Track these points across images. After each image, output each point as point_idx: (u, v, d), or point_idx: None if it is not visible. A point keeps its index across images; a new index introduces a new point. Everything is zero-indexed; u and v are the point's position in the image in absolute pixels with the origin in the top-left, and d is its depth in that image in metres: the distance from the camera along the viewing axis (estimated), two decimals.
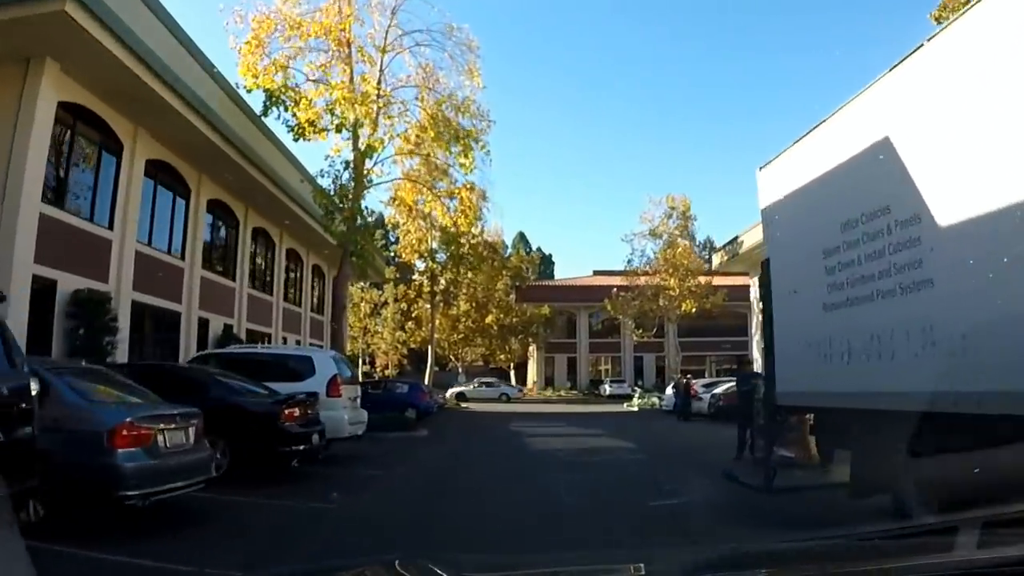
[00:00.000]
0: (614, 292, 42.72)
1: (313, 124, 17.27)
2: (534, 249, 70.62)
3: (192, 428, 6.41)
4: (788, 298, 7.54)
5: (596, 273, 59.33)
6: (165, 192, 17.71)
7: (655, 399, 34.97)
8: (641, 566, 2.17)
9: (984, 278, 4.89)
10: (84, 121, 14.19)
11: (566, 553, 4.63)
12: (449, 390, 41.17)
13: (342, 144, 18.40)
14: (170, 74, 14.16)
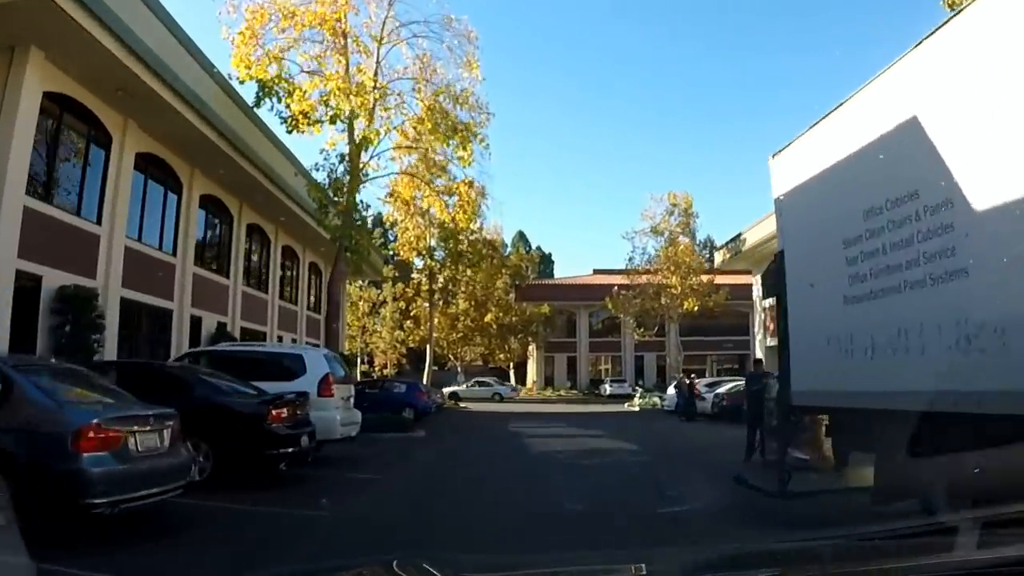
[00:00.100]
0: (615, 290, 42.32)
1: (307, 116, 16.82)
2: (533, 248, 70.26)
3: (168, 430, 5.95)
4: (805, 291, 7.12)
5: (596, 272, 58.95)
6: (156, 186, 17.31)
7: (656, 399, 34.62)
8: (643, 566, 2.15)
9: None
10: (71, 112, 13.82)
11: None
12: (443, 389, 40.67)
13: (337, 137, 18.00)
14: (160, 64, 13.75)
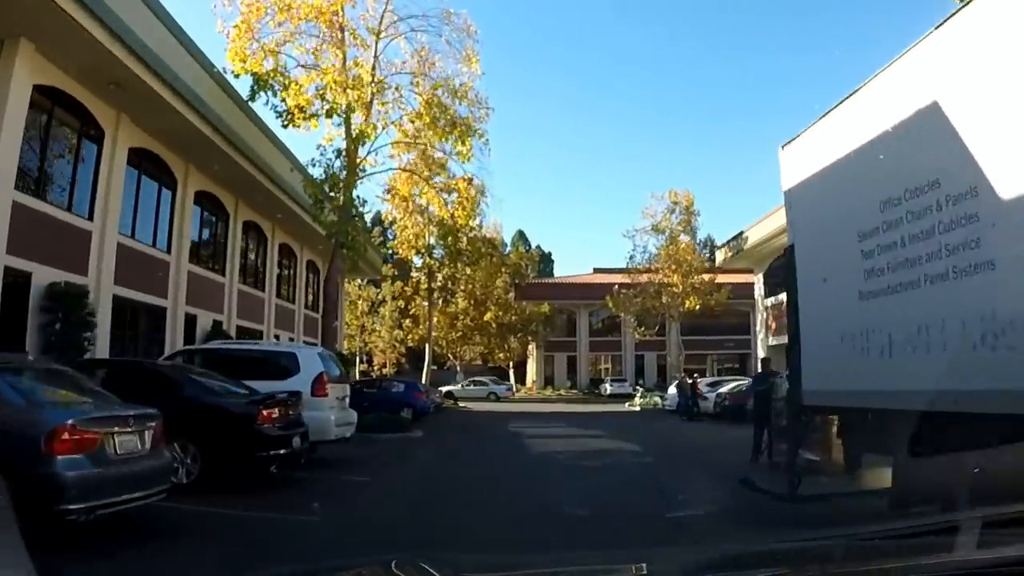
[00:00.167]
0: (615, 289, 42.03)
1: (303, 110, 16.51)
2: (533, 247, 69.92)
3: (149, 431, 5.65)
4: (817, 287, 6.84)
5: (596, 271, 58.66)
6: (150, 182, 17.02)
7: (657, 399, 34.36)
8: (643, 566, 2.14)
9: None
10: (62, 106, 13.55)
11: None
12: (439, 389, 40.30)
13: (334, 133, 17.71)
14: (154, 58, 13.46)
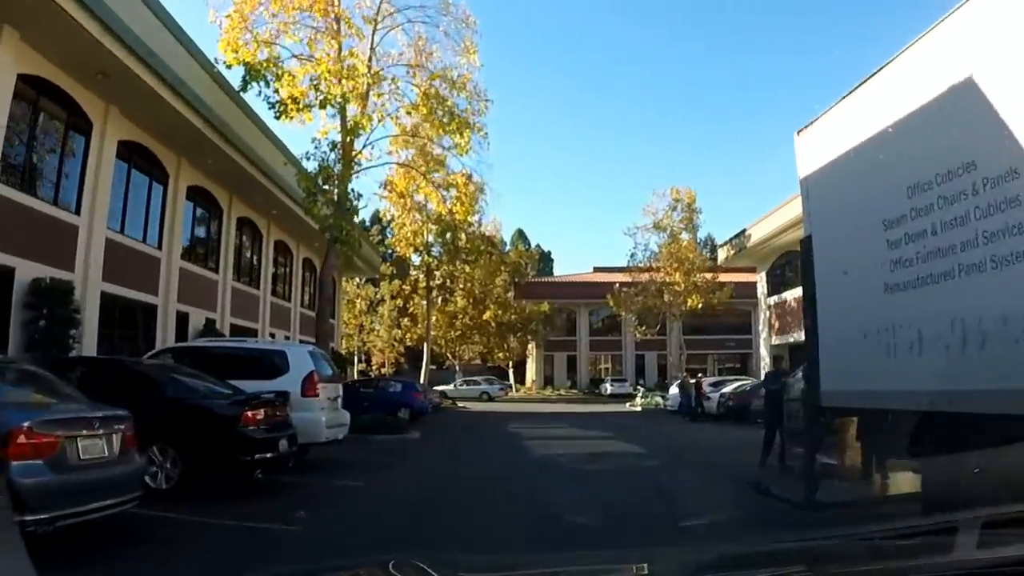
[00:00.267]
0: (616, 287, 41.63)
1: (296, 101, 16.08)
2: (533, 246, 69.49)
3: (117, 435, 5.22)
4: (837, 280, 6.40)
5: (596, 270, 58.28)
6: (140, 176, 16.59)
7: (659, 399, 33.98)
8: (644, 566, 2.14)
9: None
10: (49, 96, 13.13)
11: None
12: (434, 388, 39.85)
13: (330, 126, 17.28)
14: (142, 46, 13.04)
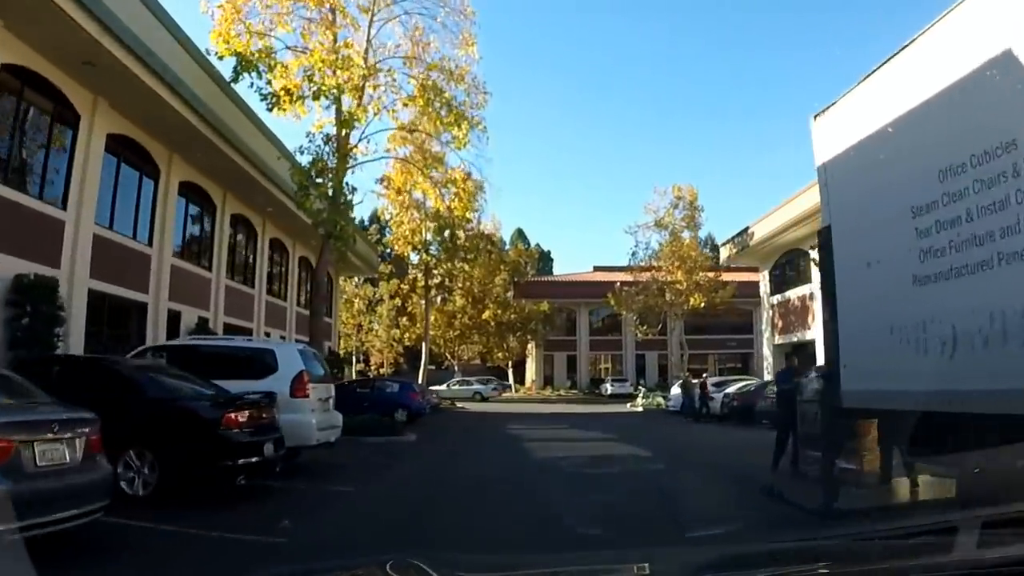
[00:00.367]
0: (617, 286, 41.21)
1: (289, 93, 15.65)
2: (532, 245, 69.08)
3: (80, 439, 4.79)
4: (860, 272, 5.99)
5: (596, 269, 57.90)
6: (130, 171, 16.17)
7: (660, 399, 33.58)
8: (645, 566, 2.13)
9: None
10: (33, 87, 12.73)
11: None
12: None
13: (325, 120, 16.83)
14: (129, 34, 12.62)
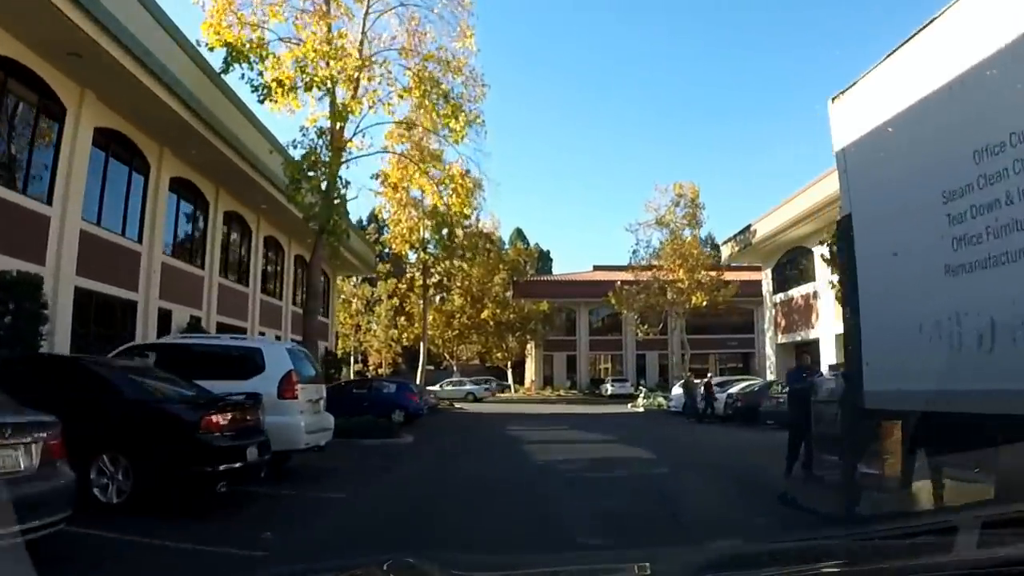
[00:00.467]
0: (618, 285, 40.80)
1: (282, 84, 15.24)
2: (531, 245, 68.72)
3: (37, 444, 4.37)
4: (885, 263, 5.58)
5: (596, 268, 57.49)
6: (119, 166, 15.76)
7: (662, 399, 33.16)
8: (646, 565, 2.12)
9: None
10: (17, 78, 12.37)
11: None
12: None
13: (319, 114, 16.45)
14: (116, 24, 12.23)
